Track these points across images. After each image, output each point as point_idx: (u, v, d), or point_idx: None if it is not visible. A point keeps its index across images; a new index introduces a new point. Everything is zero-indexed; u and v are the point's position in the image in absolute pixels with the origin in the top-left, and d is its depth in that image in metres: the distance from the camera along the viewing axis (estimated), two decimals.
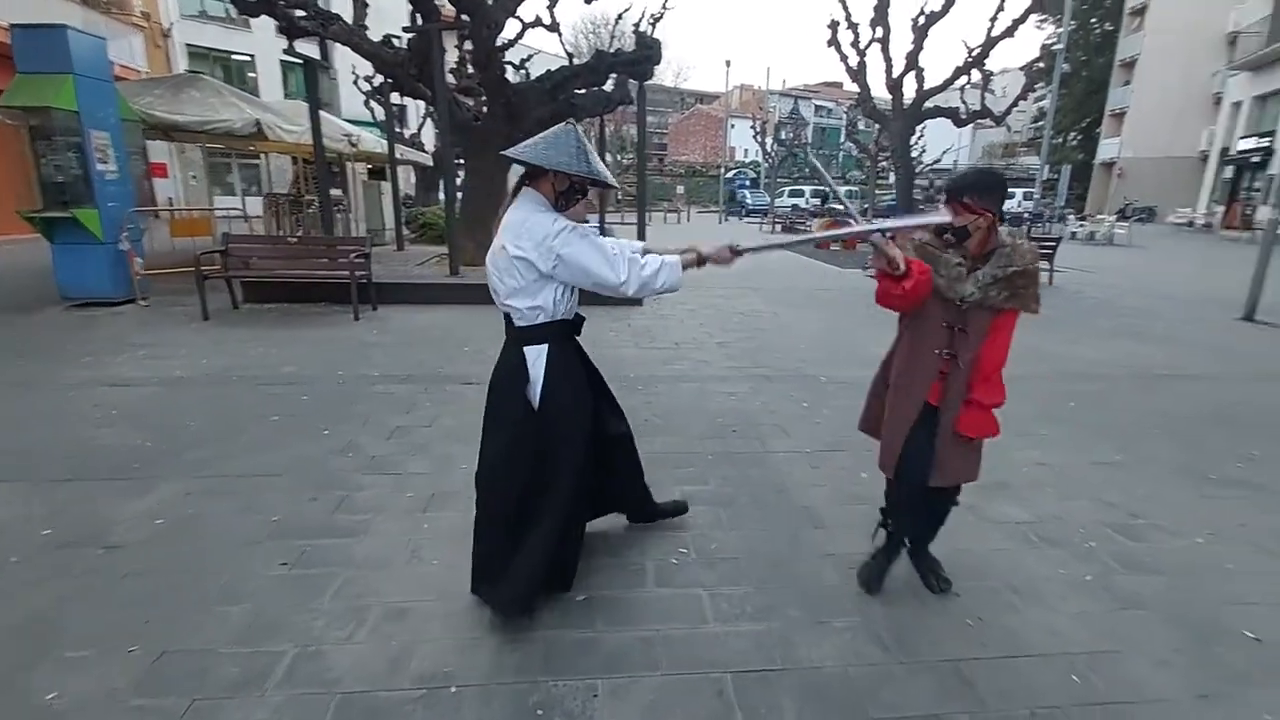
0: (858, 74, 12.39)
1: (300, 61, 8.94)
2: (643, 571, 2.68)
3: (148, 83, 10.71)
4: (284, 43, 8.55)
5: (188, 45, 24.82)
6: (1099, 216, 26.08)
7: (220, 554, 2.71)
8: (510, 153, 2.22)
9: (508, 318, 2.31)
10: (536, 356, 2.28)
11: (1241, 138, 27.20)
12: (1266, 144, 25.00)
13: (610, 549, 2.84)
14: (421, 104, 16.08)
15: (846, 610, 2.46)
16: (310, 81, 8.49)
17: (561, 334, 2.34)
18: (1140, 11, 36.53)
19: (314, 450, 3.72)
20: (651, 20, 13.40)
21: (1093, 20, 42.61)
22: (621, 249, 2.27)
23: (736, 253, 2.35)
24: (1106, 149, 38.34)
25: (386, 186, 13.91)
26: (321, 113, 11.78)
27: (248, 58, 27.01)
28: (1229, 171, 28.84)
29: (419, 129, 22.00)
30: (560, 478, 2.33)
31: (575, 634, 2.30)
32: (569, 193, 2.25)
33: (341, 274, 7.26)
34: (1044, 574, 2.73)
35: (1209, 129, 31.98)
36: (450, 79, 15.08)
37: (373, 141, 13.15)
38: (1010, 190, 2.97)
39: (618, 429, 2.75)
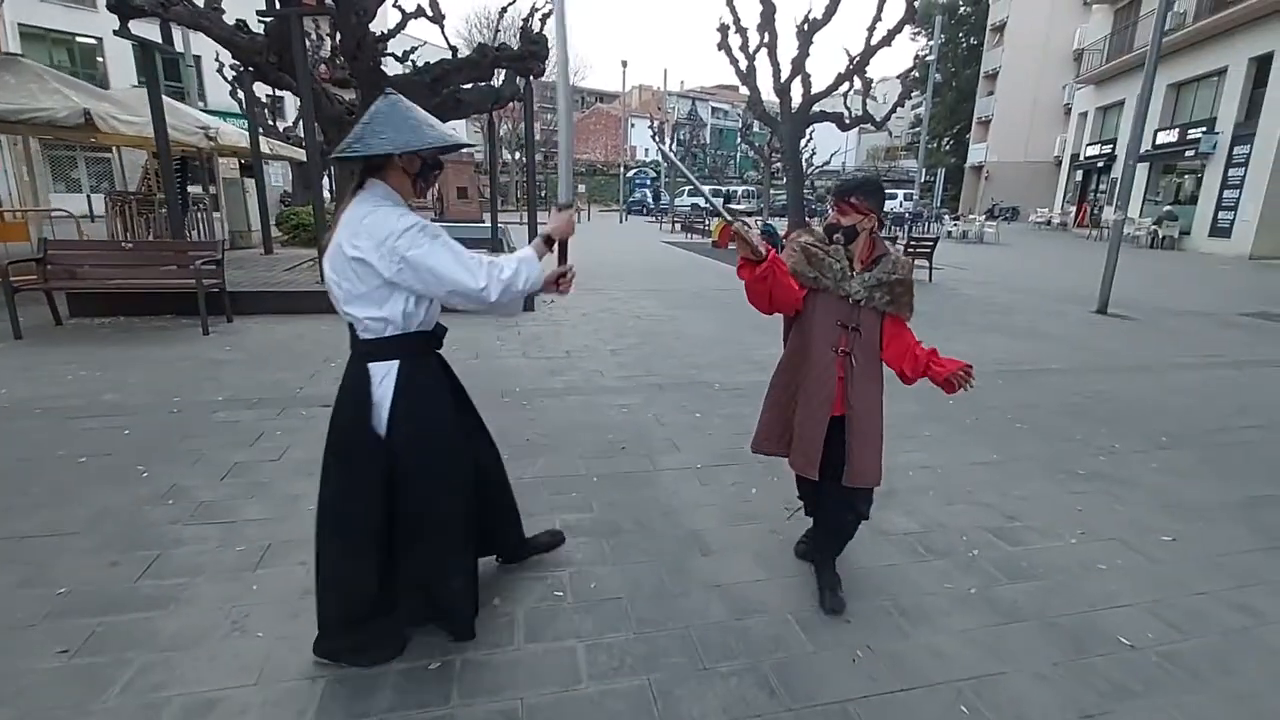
0: (748, 77, 12.54)
1: (159, 46, 7.96)
2: (511, 624, 2.38)
3: None
4: (147, 27, 7.59)
5: (20, 25, 22.09)
6: (970, 216, 28.00)
7: None
8: (342, 153, 1.86)
9: (350, 329, 1.96)
10: (383, 375, 1.95)
11: (1088, 144, 29.90)
12: (1109, 150, 27.59)
13: (479, 595, 2.52)
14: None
15: (732, 651, 2.27)
16: (148, 68, 7.54)
17: (417, 348, 2.02)
18: (1000, 28, 39.53)
19: (125, 499, 3.15)
20: (541, 16, 13.05)
21: (960, 35, 45.83)
22: (476, 255, 1.97)
23: (563, 206, 2.17)
24: (975, 153, 41.27)
25: (252, 184, 12.73)
26: (174, 102, 10.64)
27: (93, 40, 24.39)
28: (1079, 175, 31.68)
29: (294, 122, 20.53)
30: (434, 507, 2.05)
31: (423, 715, 1.97)
32: (425, 171, 1.97)
33: (188, 282, 6.47)
34: (930, 588, 2.66)
35: (1061, 136, 35.00)
36: (323, 69, 14.10)
37: (238, 135, 12.02)
38: (891, 191, 3.02)
39: (488, 458, 2.47)
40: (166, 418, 4.20)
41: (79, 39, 24.44)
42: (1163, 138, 23.00)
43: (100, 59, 24.67)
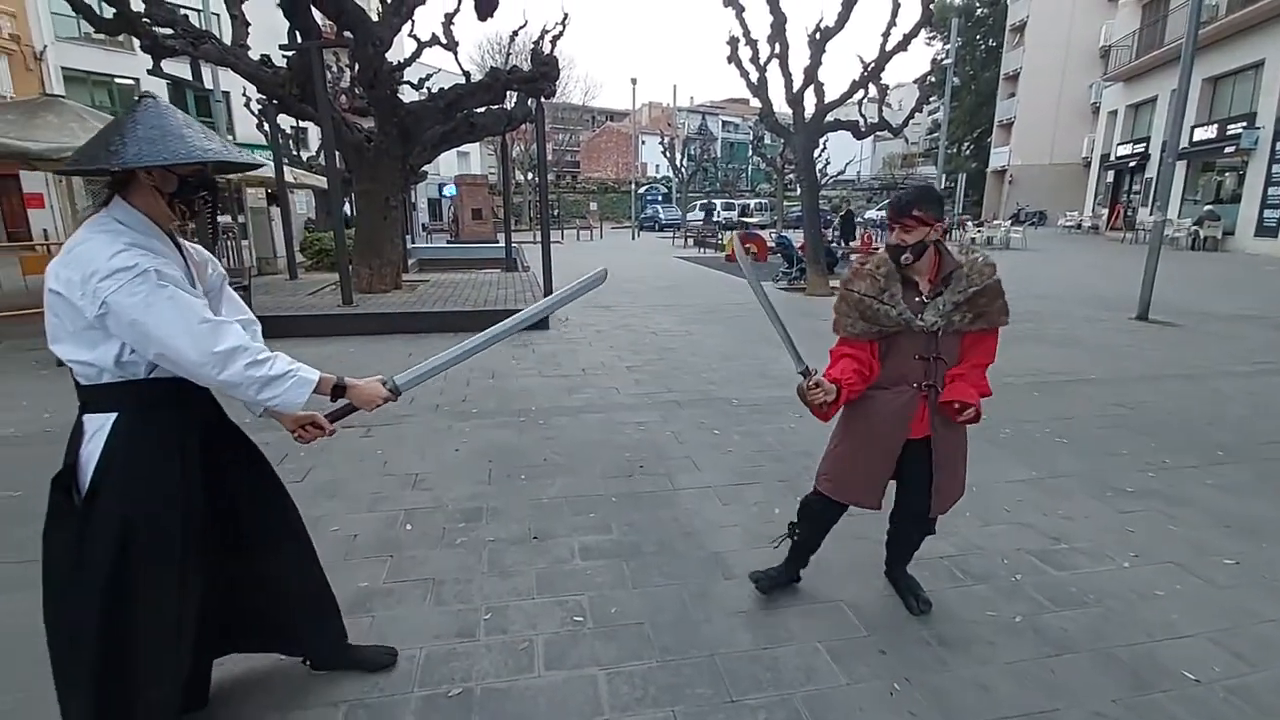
0: (759, 89, 12.44)
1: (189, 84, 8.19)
2: (531, 650, 2.30)
3: None
4: (178, 66, 7.82)
5: (64, 69, 22.96)
6: (995, 221, 27.46)
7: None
8: (69, 169, 1.63)
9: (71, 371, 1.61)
10: (96, 429, 1.58)
11: (1119, 144, 29.23)
12: (1141, 149, 26.92)
13: (496, 622, 2.44)
14: None
15: (760, 683, 2.14)
16: (178, 104, 7.70)
17: (147, 400, 1.62)
18: (1020, 28, 39.04)
19: None
20: (552, 39, 13.19)
21: (978, 37, 45.37)
22: (231, 325, 1.62)
23: (392, 390, 1.87)
24: (998, 157, 40.62)
25: (278, 212, 12.98)
26: None
27: (131, 81, 25.19)
28: (1110, 176, 30.95)
29: (318, 151, 20.98)
30: (149, 590, 1.64)
31: None
32: (185, 192, 1.61)
33: None
34: (971, 616, 2.50)
35: (1089, 136, 34.24)
36: (343, 99, 14.39)
37: (265, 165, 12.29)
38: None
39: (268, 537, 1.99)
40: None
41: (117, 80, 25.28)
42: (1200, 134, 22.29)
43: (137, 98, 25.50)
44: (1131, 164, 28.06)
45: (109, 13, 7.16)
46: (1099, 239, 26.86)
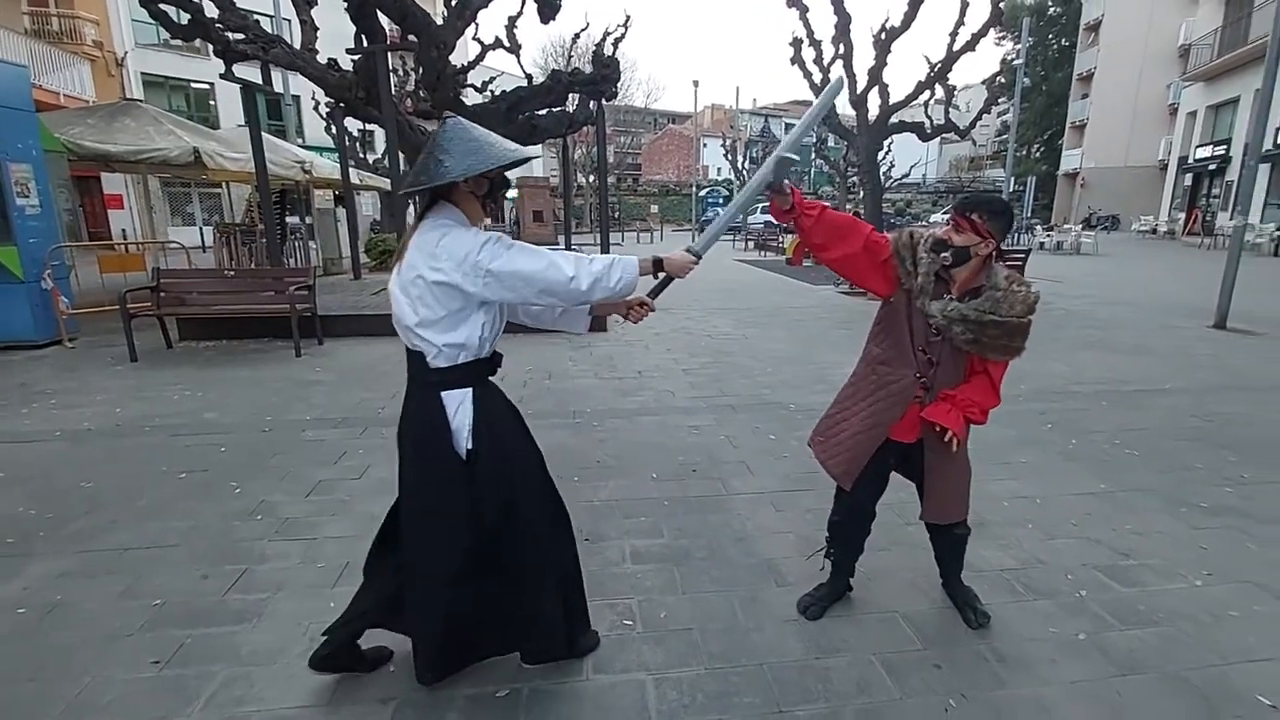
0: (822, 91, 12.30)
1: (259, 87, 8.60)
2: None
3: (80, 111, 10.24)
4: (249, 70, 8.21)
5: (143, 74, 24.34)
6: (1065, 226, 26.41)
7: (84, 652, 2.30)
8: (410, 188, 1.85)
9: (418, 358, 1.89)
10: (459, 404, 1.90)
11: (1198, 146, 27.76)
12: (1222, 152, 25.52)
13: None
14: None
15: (811, 694, 2.13)
16: (248, 107, 8.12)
17: (487, 373, 1.98)
18: (1095, 27, 37.45)
19: (218, 514, 3.31)
20: (614, 41, 13.32)
21: (1050, 36, 43.68)
22: (559, 251, 1.94)
23: (695, 254, 2.08)
24: (1069, 160, 39.04)
25: (344, 213, 13.47)
26: (271, 138, 11.41)
27: (206, 85, 26.50)
28: (1188, 179, 29.41)
29: (383, 154, 21.66)
30: (532, 525, 2.01)
31: None
32: (492, 191, 1.94)
33: (283, 307, 6.84)
34: (1032, 634, 2.42)
35: (1166, 138, 32.66)
36: (408, 103, 14.81)
37: (331, 167, 12.78)
38: None
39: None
40: (259, 436, 4.42)
41: (193, 84, 26.58)
42: None
43: (212, 102, 26.76)
44: (1211, 167, 26.64)
45: (184, 19, 7.54)
46: (1175, 244, 25.53)
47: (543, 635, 2.11)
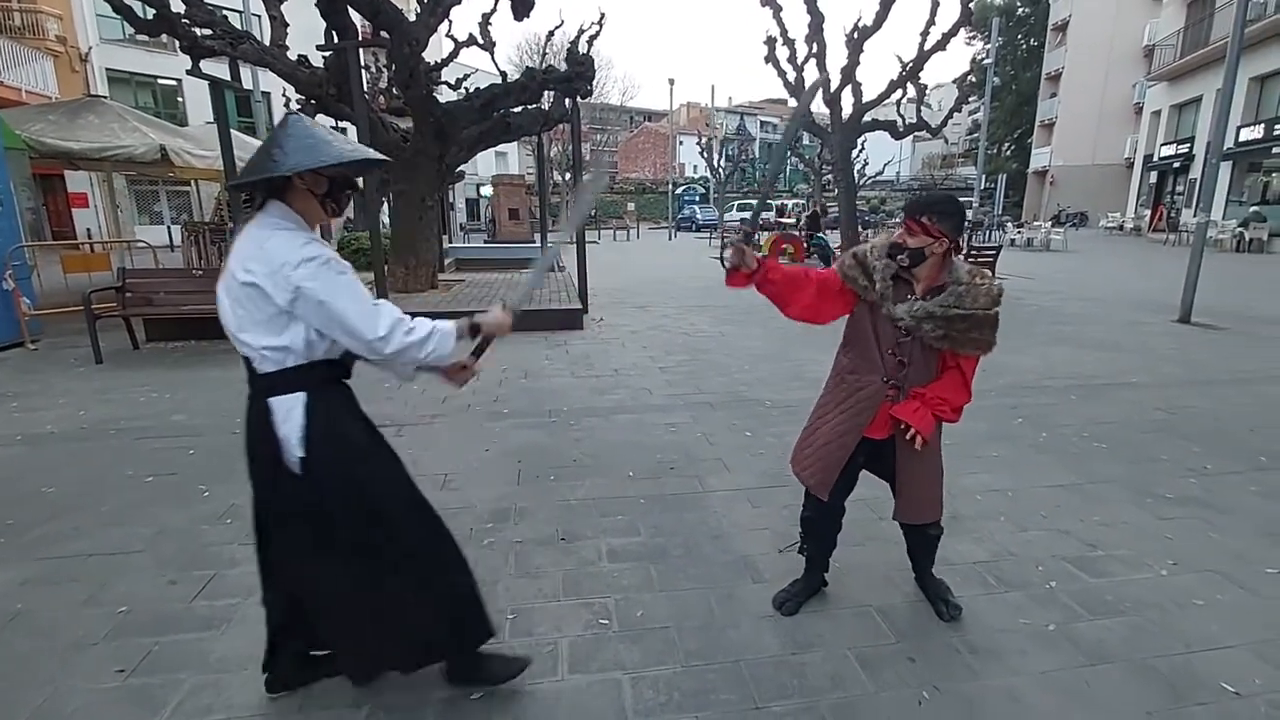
0: (796, 89, 12.37)
1: (227, 84, 8.39)
2: (555, 653, 2.32)
3: (42, 108, 9.95)
4: (218, 67, 8.00)
5: (108, 70, 23.74)
6: (1035, 223, 26.89)
7: (47, 661, 2.24)
8: (237, 182, 1.77)
9: (247, 363, 1.76)
10: (288, 410, 1.74)
11: (1162, 145, 28.42)
12: (1185, 150, 26.15)
13: (521, 624, 2.47)
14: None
15: (786, 689, 2.14)
16: (216, 104, 7.95)
17: (329, 378, 1.82)
18: (1062, 27, 38.16)
19: (186, 518, 3.24)
20: (589, 39, 13.26)
21: (1019, 36, 44.45)
22: (385, 303, 1.79)
23: (510, 310, 2.00)
24: (1038, 158, 39.76)
25: None
26: (243, 136, 11.20)
27: (174, 81, 25.92)
28: (1153, 177, 30.11)
29: None
30: (399, 538, 1.89)
31: None
32: (334, 191, 1.80)
33: None
34: (1003, 625, 2.46)
35: (1132, 137, 33.39)
36: (381, 100, 14.63)
37: None
38: None
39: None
40: (229, 438, 4.33)
41: (160, 81, 25.95)
42: (1246, 134, 21.62)
43: (180, 99, 26.16)
44: (1175, 165, 27.33)
45: (149, 14, 7.36)
46: (1141, 241, 26.13)
47: (426, 647, 2.02)
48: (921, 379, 2.23)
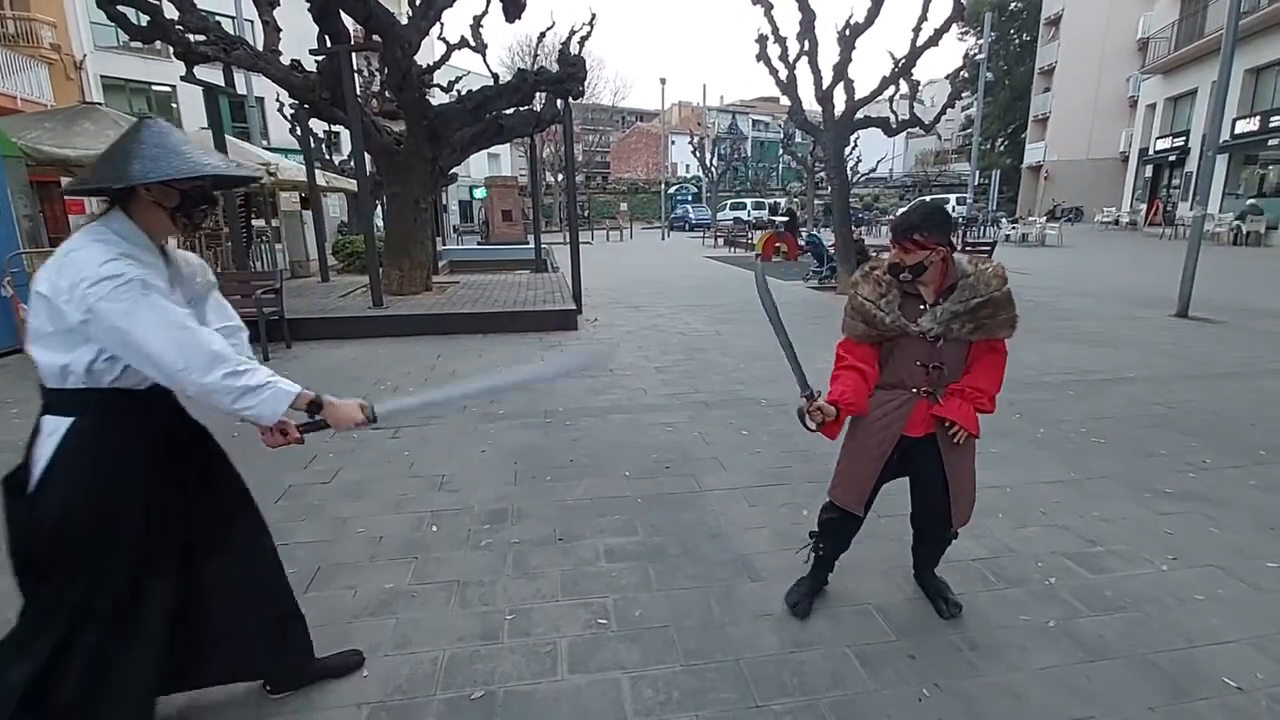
0: (788, 87, 12.33)
1: (221, 89, 8.41)
2: (555, 653, 2.31)
3: (38, 116, 9.91)
4: (211, 72, 8.01)
5: (103, 77, 23.68)
6: (1030, 218, 26.90)
7: None
8: (71, 189, 1.68)
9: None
10: (52, 431, 1.60)
11: (1157, 138, 28.45)
12: (1181, 143, 26.18)
13: (520, 624, 2.45)
14: None
15: (786, 688, 2.13)
16: (212, 109, 7.94)
17: (109, 409, 1.64)
18: (1055, 22, 38.21)
19: None
20: (580, 40, 13.24)
21: (1011, 31, 44.50)
22: (211, 335, 1.63)
23: (370, 419, 1.84)
24: (1032, 153, 39.79)
25: (310, 215, 13.25)
26: (237, 141, 11.19)
27: (168, 88, 25.87)
28: (1148, 171, 30.13)
29: (350, 155, 21.32)
30: (47, 600, 1.66)
31: None
32: (185, 205, 1.67)
33: (250, 311, 6.69)
34: (1003, 622, 2.45)
35: (1127, 130, 33.40)
36: (374, 103, 14.60)
37: (297, 169, 12.54)
38: (943, 196, 2.82)
39: (226, 546, 1.95)
40: (227, 441, 4.28)
41: (155, 87, 25.93)
42: (1242, 126, 21.59)
43: (174, 105, 26.10)
44: (1171, 158, 27.33)
45: (143, 21, 7.35)
46: (1137, 235, 26.15)
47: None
48: (955, 378, 2.24)
